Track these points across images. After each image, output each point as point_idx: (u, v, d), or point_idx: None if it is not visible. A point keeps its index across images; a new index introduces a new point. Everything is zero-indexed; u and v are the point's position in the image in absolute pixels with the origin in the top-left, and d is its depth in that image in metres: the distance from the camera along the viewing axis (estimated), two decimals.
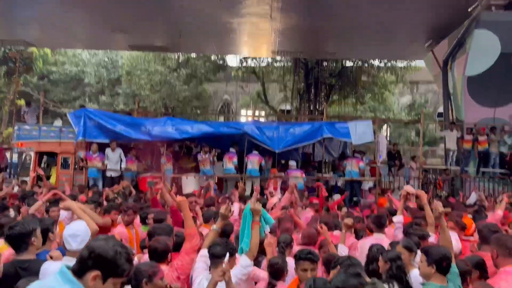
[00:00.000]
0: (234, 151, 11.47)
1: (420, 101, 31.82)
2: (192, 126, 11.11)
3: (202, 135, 11.40)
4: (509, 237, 3.65)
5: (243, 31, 15.91)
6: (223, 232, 3.79)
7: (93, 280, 1.88)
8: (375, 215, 5.39)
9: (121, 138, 11.20)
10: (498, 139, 13.10)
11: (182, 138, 11.48)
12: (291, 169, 11.46)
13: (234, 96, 33.82)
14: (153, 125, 11.06)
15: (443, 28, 14.17)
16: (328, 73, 23.16)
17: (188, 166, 12.42)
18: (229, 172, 11.30)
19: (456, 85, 13.97)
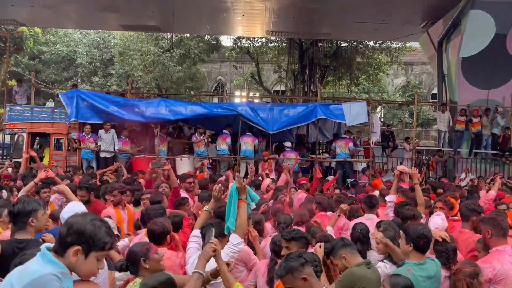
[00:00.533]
0: (228, 132, 11.46)
1: (414, 82, 31.86)
2: (185, 108, 11.06)
3: (196, 117, 11.36)
4: (503, 217, 3.70)
5: (237, 11, 15.68)
6: (216, 214, 3.81)
7: (74, 256, 1.88)
8: (366, 195, 5.45)
9: (114, 119, 11.13)
10: (490, 121, 13.17)
11: (175, 119, 11.46)
12: (286, 151, 11.49)
13: (228, 76, 33.65)
14: (147, 106, 11.02)
15: (439, 9, 14.04)
16: (323, 54, 23.02)
17: (182, 147, 12.41)
18: (222, 153, 11.30)
19: (451, 66, 13.96)
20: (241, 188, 3.27)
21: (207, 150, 11.41)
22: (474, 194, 7.43)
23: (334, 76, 25.29)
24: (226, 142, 11.25)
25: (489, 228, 3.51)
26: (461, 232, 4.32)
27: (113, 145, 10.93)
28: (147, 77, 25.02)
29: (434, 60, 15.32)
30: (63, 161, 11.03)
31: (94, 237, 1.90)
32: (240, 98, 23.71)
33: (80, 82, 29.91)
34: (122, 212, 5.24)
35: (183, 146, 12.48)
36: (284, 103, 20.84)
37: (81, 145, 10.96)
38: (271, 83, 31.95)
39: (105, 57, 30.21)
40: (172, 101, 11.69)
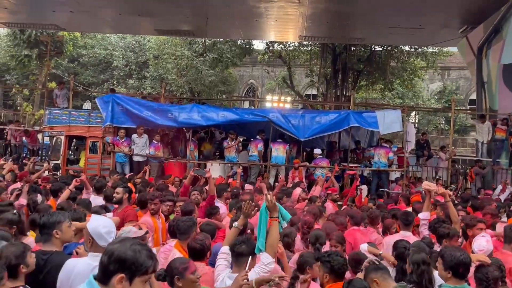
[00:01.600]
0: (260, 138, 11.45)
1: (451, 88, 30.91)
2: (217, 113, 11.13)
3: (228, 122, 11.42)
4: None
5: (270, 16, 15.68)
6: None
7: (119, 283, 1.89)
8: (402, 212, 5.28)
9: (148, 124, 11.34)
10: None
11: (207, 125, 11.57)
12: (317, 159, 11.36)
13: (260, 80, 33.71)
14: (180, 112, 11.16)
15: (479, 14, 13.56)
16: (356, 59, 22.66)
17: (212, 152, 12.49)
18: (253, 160, 11.30)
19: (491, 73, 13.45)
20: (272, 206, 3.23)
21: (238, 156, 11.44)
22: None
23: (367, 81, 24.86)
24: (257, 148, 11.24)
25: None
26: (503, 253, 4.13)
27: (146, 149, 11.14)
28: (181, 81, 25.40)
29: (473, 67, 14.81)
30: (98, 164, 11.32)
31: (136, 263, 1.91)
32: (271, 102, 23.65)
33: (116, 85, 30.72)
34: (158, 221, 5.30)
35: (213, 151, 12.57)
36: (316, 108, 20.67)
37: (115, 148, 11.22)
38: (303, 87, 31.75)
39: (140, 60, 30.89)
40: (204, 106, 11.80)
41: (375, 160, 11.20)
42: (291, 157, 11.42)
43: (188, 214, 4.87)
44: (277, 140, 11.17)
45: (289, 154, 11.40)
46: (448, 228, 4.55)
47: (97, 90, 30.21)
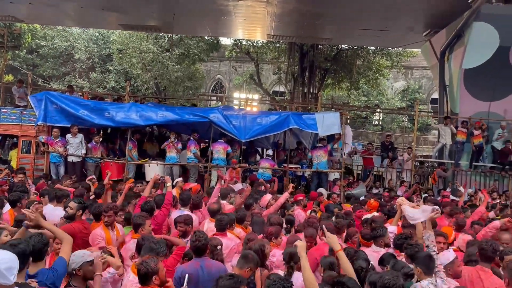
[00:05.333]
0: (193, 139, 11.14)
1: (414, 87, 31.77)
2: (156, 113, 10.65)
3: (167, 122, 11.04)
4: None
5: (238, 14, 15.52)
6: None
7: None
8: (373, 226, 5.30)
9: (84, 123, 10.76)
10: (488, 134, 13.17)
11: (145, 125, 11.13)
12: (261, 159, 11.31)
13: (227, 76, 33.46)
14: (117, 111, 10.62)
15: (442, 18, 13.93)
16: (323, 57, 22.85)
17: (153, 152, 12.10)
18: (190, 161, 11.00)
19: (453, 77, 13.86)
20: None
21: (178, 157, 11.08)
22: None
23: (334, 79, 25.15)
24: (190, 150, 10.91)
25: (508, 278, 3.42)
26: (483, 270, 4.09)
27: (81, 149, 10.60)
28: (146, 76, 24.82)
29: (435, 70, 15.20)
30: (30, 165, 10.74)
31: None
32: (239, 99, 23.54)
33: (78, 78, 29.70)
34: (112, 233, 5.10)
35: (154, 151, 12.19)
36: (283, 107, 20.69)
37: (49, 148, 10.66)
38: (270, 84, 31.78)
39: (104, 53, 29.96)
40: (143, 105, 11.32)
41: (315, 162, 11.15)
42: (235, 157, 11.24)
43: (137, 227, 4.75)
44: (217, 141, 10.91)
45: (233, 155, 11.23)
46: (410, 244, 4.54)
47: (57, 83, 29.10)
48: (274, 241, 5.03)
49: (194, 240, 4.05)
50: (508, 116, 13.42)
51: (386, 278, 3.04)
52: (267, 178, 10.48)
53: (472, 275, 3.89)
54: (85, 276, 3.45)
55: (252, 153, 12.06)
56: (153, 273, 3.36)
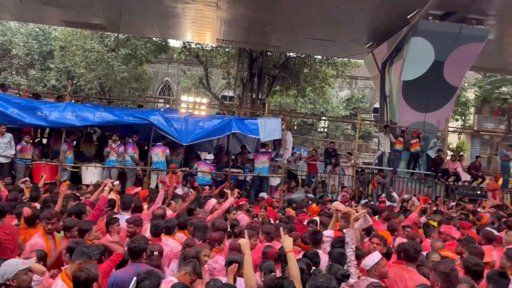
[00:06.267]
0: (132, 142, 10.82)
1: (357, 96, 33.00)
2: (94, 114, 10.17)
3: (104, 124, 10.62)
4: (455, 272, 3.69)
5: (187, 17, 15.38)
6: None
7: None
8: (312, 230, 5.41)
9: (13, 122, 10.06)
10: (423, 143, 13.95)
11: (81, 125, 10.60)
12: (201, 163, 11.16)
13: (176, 78, 33.04)
14: (51, 110, 10.02)
15: (384, 32, 14.61)
16: (272, 64, 23.21)
17: (90, 153, 11.67)
18: (127, 165, 10.65)
19: (392, 88, 14.55)
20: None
21: (117, 160, 10.67)
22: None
23: (282, 86, 25.59)
24: (128, 152, 10.58)
25: (440, 281, 3.59)
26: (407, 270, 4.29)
27: (10, 149, 9.93)
28: (90, 75, 23.92)
29: (377, 81, 15.88)
30: None
31: None
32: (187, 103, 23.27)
33: (15, 74, 28.05)
34: (51, 242, 4.83)
35: (91, 153, 11.76)
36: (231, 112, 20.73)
37: None
38: (220, 88, 31.77)
39: (45, 49, 28.56)
40: (80, 105, 10.80)
41: (258, 167, 11.24)
42: (177, 162, 11.11)
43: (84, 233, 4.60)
44: (156, 144, 10.65)
45: (176, 159, 11.09)
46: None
47: None
48: (217, 247, 5.01)
49: (130, 243, 3.95)
50: (441, 126, 14.29)
51: (319, 281, 3.12)
52: (208, 182, 10.41)
53: (397, 275, 4.09)
54: (20, 287, 3.27)
55: (193, 157, 11.92)
56: (94, 280, 3.26)
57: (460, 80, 14.80)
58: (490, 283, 3.74)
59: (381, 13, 13.59)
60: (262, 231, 5.49)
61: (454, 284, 3.52)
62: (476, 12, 12.80)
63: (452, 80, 14.04)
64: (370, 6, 12.99)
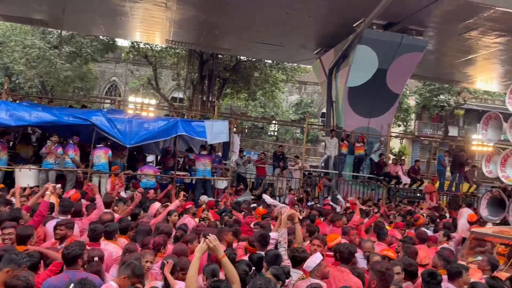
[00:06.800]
0: (73, 143, 10.40)
1: (306, 101, 33.70)
2: (30, 113, 9.65)
3: (42, 124, 10.15)
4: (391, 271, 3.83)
5: (135, 16, 15.02)
6: None
7: None
8: (260, 233, 5.43)
9: None
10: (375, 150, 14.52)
11: (17, 125, 10.01)
12: (144, 166, 10.92)
13: (123, 78, 32.15)
14: None
15: (331, 39, 15.03)
16: (223, 67, 23.21)
17: (27, 155, 11.05)
18: (67, 167, 10.17)
19: (338, 94, 14.99)
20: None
21: (56, 163, 10.12)
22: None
23: (232, 89, 25.65)
24: (69, 154, 10.10)
25: (376, 280, 3.70)
26: (340, 271, 4.48)
27: None
28: (30, 73, 22.67)
29: (324, 86, 16.29)
30: None
31: None
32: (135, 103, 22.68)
33: None
34: None
35: (28, 155, 11.17)
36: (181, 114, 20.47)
37: None
38: (169, 90, 31.27)
39: None
40: (15, 104, 10.25)
41: (200, 169, 11.14)
42: (121, 165, 10.83)
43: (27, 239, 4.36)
44: (98, 146, 10.29)
45: (121, 161, 10.78)
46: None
47: None
48: (162, 251, 4.92)
49: (64, 249, 3.79)
50: (384, 131, 14.92)
51: (258, 283, 3.15)
52: (152, 185, 10.19)
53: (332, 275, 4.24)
54: None
55: (140, 159, 11.64)
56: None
57: (402, 87, 15.52)
58: (423, 282, 3.96)
59: (328, 20, 13.99)
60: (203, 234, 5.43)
61: (389, 282, 3.67)
62: (416, 23, 13.48)
63: (394, 87, 14.69)
64: (318, 13, 13.33)
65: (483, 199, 7.69)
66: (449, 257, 5.01)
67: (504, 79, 18.54)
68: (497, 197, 7.47)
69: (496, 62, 16.61)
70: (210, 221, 7.36)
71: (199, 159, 11.17)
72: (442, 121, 30.83)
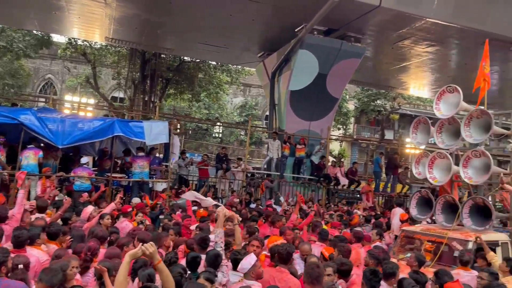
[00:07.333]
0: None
1: (251, 103, 33.95)
2: None
3: None
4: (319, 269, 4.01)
5: (72, 12, 14.36)
6: None
7: None
8: (199, 236, 5.38)
9: None
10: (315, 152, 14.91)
11: None
12: (77, 168, 10.38)
13: (60, 76, 30.65)
14: None
15: (274, 43, 15.26)
16: (166, 67, 22.79)
17: None
18: None
19: (281, 97, 15.24)
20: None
21: None
22: None
23: (176, 90, 25.27)
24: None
25: (306, 277, 3.89)
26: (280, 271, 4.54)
27: None
28: None
29: (267, 89, 16.50)
30: None
31: None
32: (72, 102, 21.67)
33: None
34: None
35: None
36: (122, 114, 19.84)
37: None
38: (109, 89, 30.21)
39: None
40: None
41: (136, 171, 10.82)
42: (54, 166, 10.32)
43: None
44: (27, 147, 9.73)
45: (54, 163, 10.27)
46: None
47: None
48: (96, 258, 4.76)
49: None
50: (324, 134, 15.37)
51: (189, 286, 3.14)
52: (86, 188, 9.77)
53: (271, 276, 4.30)
54: None
55: (76, 161, 11.10)
56: None
57: (341, 92, 16.07)
58: (364, 279, 4.13)
59: (271, 24, 14.18)
60: (137, 238, 5.30)
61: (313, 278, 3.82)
62: (354, 30, 14.01)
63: (333, 92, 15.16)
64: (261, 17, 13.47)
65: (412, 199, 8.11)
66: (379, 256, 5.25)
67: (434, 86, 19.77)
68: (425, 197, 7.92)
69: (427, 70, 17.70)
70: (148, 224, 7.19)
71: (135, 161, 10.84)
72: (379, 125, 32.32)
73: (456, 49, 14.86)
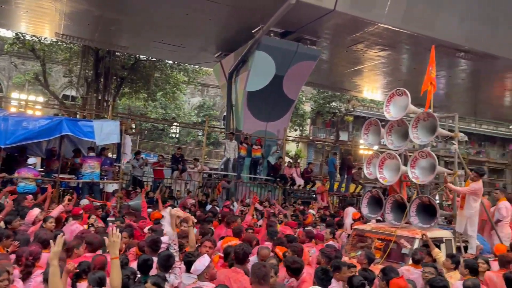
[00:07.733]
0: None
1: (209, 103, 33.72)
2: None
3: None
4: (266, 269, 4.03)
5: (20, 5, 13.66)
6: None
7: None
8: (150, 238, 5.28)
9: None
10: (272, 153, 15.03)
11: None
12: (22, 168, 9.94)
13: (6, 72, 29.10)
14: None
15: (231, 43, 15.23)
16: (120, 65, 22.18)
17: None
18: None
19: (238, 98, 15.24)
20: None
21: None
22: None
23: (131, 89, 24.65)
24: None
25: (253, 277, 3.90)
26: (235, 271, 4.57)
27: None
28: None
29: (225, 89, 16.46)
30: None
31: None
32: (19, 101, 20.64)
33: None
34: None
35: None
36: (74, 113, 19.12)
37: None
38: (60, 87, 29.01)
39: None
40: None
41: (87, 172, 10.56)
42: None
43: None
44: None
45: None
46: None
47: None
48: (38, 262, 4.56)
49: None
50: (280, 135, 15.53)
51: None
52: (31, 190, 9.34)
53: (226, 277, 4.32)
54: None
55: (22, 161, 10.58)
56: None
57: (297, 93, 16.28)
58: (316, 278, 4.21)
59: (228, 25, 14.15)
60: (86, 241, 5.14)
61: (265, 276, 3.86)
62: (310, 33, 14.23)
63: (290, 93, 15.35)
64: (218, 17, 13.41)
65: (363, 198, 8.36)
66: (331, 254, 5.37)
67: (386, 89, 20.46)
68: (375, 197, 8.18)
69: (379, 74, 18.30)
70: (99, 227, 6.98)
71: (86, 161, 10.49)
72: (334, 127, 33.06)
73: (406, 54, 15.46)
